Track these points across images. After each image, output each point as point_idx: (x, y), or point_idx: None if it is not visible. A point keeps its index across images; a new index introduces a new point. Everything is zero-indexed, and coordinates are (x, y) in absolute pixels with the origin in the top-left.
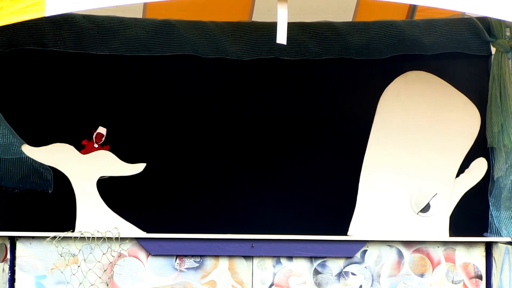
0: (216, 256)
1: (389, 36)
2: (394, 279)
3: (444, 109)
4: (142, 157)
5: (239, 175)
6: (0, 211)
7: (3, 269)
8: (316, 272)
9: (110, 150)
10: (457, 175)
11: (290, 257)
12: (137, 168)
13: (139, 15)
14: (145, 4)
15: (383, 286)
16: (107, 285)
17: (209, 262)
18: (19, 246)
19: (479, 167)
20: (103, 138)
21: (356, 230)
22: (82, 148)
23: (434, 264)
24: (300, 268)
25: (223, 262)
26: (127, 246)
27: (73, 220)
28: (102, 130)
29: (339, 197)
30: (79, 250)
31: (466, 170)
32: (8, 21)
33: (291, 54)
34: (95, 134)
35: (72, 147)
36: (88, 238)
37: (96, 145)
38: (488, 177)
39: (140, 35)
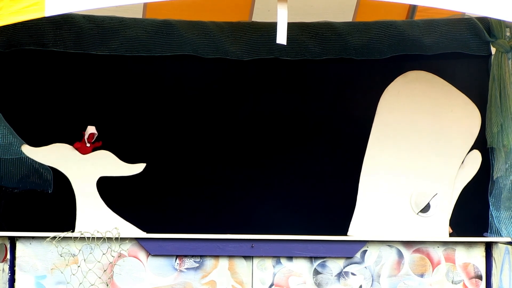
0: (216, 256)
1: (389, 36)
2: (394, 279)
3: (445, 109)
4: (141, 157)
5: (239, 175)
6: (0, 211)
7: (3, 269)
8: (316, 272)
9: (109, 151)
10: None
11: (290, 257)
12: (137, 168)
13: (139, 15)
14: (145, 4)
15: (383, 286)
16: (107, 285)
17: (209, 262)
18: (19, 246)
19: (473, 160)
20: (95, 136)
21: (356, 230)
22: (77, 150)
23: (434, 264)
24: (300, 268)
25: (223, 262)
26: (127, 246)
27: (73, 220)
28: (92, 129)
29: (339, 197)
30: (79, 250)
31: (461, 166)
32: (8, 21)
33: (291, 54)
34: (87, 135)
35: (71, 147)
36: (88, 238)
37: (88, 144)
38: (486, 174)
39: (140, 35)
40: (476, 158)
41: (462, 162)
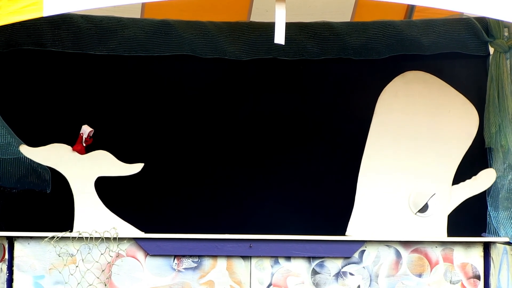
0: (214, 256)
1: (388, 36)
2: (392, 279)
3: (443, 109)
4: (140, 157)
5: (238, 175)
6: None
7: (1, 269)
8: (314, 272)
9: (108, 151)
10: (462, 180)
11: (288, 257)
12: (135, 168)
13: (137, 15)
14: (143, 4)
15: (381, 286)
16: (105, 285)
17: (207, 262)
18: (17, 246)
19: (487, 177)
20: (86, 136)
21: (354, 230)
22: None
23: (432, 264)
24: (298, 268)
25: (221, 262)
26: (125, 246)
27: (71, 220)
28: (88, 128)
29: (337, 197)
30: (77, 250)
31: (473, 177)
32: (6, 21)
33: (289, 54)
34: (85, 134)
35: (70, 147)
36: (86, 238)
37: (84, 144)
38: None
39: (138, 35)
40: (490, 176)
41: (476, 175)
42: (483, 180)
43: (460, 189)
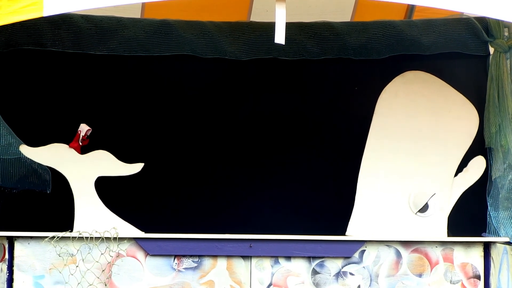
0: (215, 256)
1: (388, 36)
2: (392, 279)
3: (443, 109)
4: (140, 157)
5: (238, 175)
6: None
7: (1, 269)
8: (314, 272)
9: (108, 150)
10: (456, 174)
11: (288, 257)
12: (135, 168)
13: (137, 15)
14: (143, 4)
15: (381, 286)
16: (105, 285)
17: (207, 262)
18: (17, 246)
19: (478, 165)
20: (83, 135)
21: (355, 230)
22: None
23: (432, 264)
24: (298, 268)
25: (221, 262)
26: (125, 246)
27: (71, 220)
28: (86, 126)
29: (338, 197)
30: (77, 250)
31: (464, 169)
32: (7, 21)
33: (289, 54)
34: (83, 132)
35: (69, 147)
36: (86, 238)
37: (80, 143)
38: (486, 177)
39: (139, 35)
40: (480, 164)
41: (466, 166)
42: (475, 169)
43: (454, 184)
